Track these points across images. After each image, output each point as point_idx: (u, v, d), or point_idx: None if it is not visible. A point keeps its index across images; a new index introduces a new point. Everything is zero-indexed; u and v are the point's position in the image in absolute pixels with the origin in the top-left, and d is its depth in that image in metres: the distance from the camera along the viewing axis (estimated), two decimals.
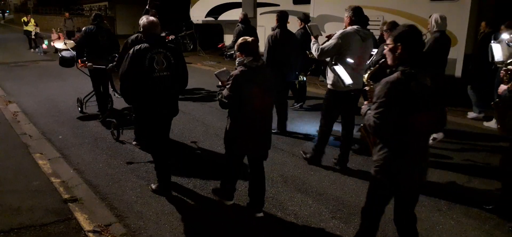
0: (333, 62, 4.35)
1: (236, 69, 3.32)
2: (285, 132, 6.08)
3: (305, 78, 7.29)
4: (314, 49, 4.59)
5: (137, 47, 3.70)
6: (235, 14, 12.57)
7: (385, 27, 5.14)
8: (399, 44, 2.42)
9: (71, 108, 7.36)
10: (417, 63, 2.37)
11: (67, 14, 15.81)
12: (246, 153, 3.57)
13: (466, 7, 7.21)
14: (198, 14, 14.81)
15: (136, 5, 24.58)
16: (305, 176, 4.55)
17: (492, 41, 5.38)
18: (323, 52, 4.41)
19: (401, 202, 2.63)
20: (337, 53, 4.31)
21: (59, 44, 10.62)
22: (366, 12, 8.72)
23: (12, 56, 14.83)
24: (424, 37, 4.02)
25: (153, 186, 4.16)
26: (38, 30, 16.91)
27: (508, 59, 4.39)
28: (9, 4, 56.41)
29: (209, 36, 15.75)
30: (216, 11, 13.53)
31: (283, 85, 5.95)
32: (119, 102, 6.39)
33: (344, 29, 4.35)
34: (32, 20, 17.14)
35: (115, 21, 24.85)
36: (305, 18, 7.17)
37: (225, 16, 13.35)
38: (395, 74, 2.37)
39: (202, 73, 11.86)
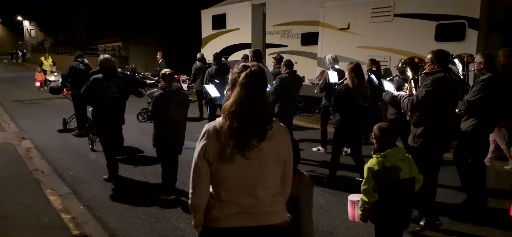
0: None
1: (157, 91, 4.77)
2: None
3: None
4: None
5: (95, 76, 5.23)
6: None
7: (282, 63, 6.70)
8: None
9: (83, 144, 7.49)
10: None
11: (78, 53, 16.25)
12: (166, 150, 4.80)
13: (472, 46, 7.32)
14: (209, 54, 15.20)
15: (148, 46, 25.43)
16: None
17: (329, 70, 6.76)
18: None
19: None
20: None
21: (50, 77, 13.76)
22: (374, 52, 9.02)
23: (27, 94, 15.21)
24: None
25: (105, 176, 5.50)
26: (54, 69, 17.38)
27: (339, 80, 6.24)
28: (26, 44, 58.50)
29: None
30: (226, 51, 13.87)
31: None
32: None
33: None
34: (50, 59, 17.64)
35: (128, 60, 25.57)
36: (279, 59, 7.72)
37: (236, 57, 13.66)
38: None
39: None
